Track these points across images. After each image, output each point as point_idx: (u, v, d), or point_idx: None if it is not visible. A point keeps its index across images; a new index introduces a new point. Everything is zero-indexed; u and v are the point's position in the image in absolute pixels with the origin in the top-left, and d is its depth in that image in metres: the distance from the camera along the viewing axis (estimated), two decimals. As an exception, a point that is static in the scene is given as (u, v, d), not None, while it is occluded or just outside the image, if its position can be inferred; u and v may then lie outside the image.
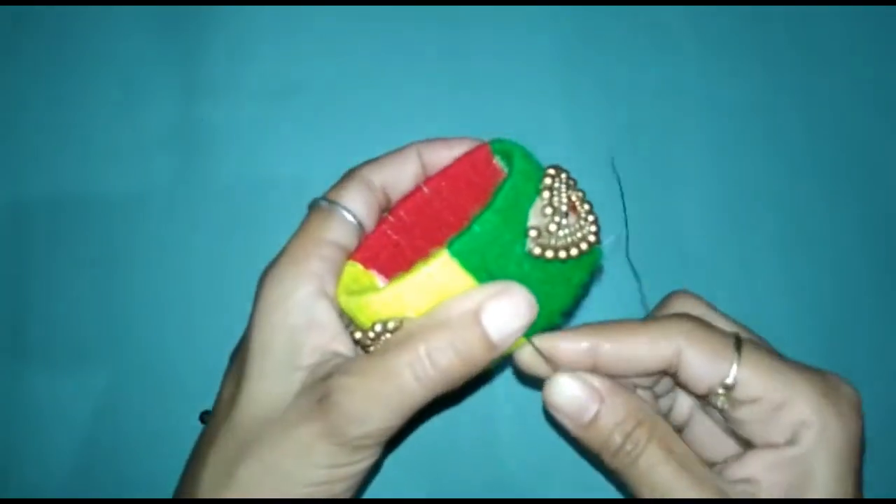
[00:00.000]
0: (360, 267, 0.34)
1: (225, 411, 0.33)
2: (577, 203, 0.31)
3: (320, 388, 0.30)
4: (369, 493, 0.42)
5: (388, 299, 0.30)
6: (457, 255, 0.29)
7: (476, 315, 0.29)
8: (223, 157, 0.45)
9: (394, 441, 0.33)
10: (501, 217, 0.29)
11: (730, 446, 0.35)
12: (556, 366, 0.32)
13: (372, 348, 0.31)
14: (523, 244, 0.30)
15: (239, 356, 0.34)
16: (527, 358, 0.33)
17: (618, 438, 0.32)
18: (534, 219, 0.30)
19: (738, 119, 0.47)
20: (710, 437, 0.36)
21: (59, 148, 0.45)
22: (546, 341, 0.32)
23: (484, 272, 0.29)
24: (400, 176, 0.36)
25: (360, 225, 0.34)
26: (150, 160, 0.45)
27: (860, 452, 0.31)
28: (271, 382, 0.32)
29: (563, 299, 0.32)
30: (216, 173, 0.45)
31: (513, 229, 0.30)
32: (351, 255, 0.34)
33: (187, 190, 0.45)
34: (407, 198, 0.36)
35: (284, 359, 0.32)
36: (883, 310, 0.46)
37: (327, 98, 0.46)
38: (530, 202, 0.31)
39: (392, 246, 0.35)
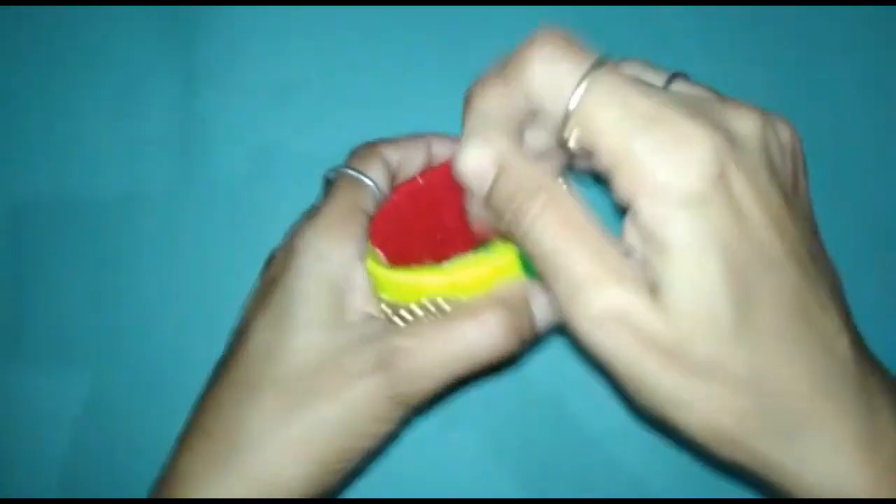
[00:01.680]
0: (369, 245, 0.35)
1: (263, 362, 0.32)
2: None
3: (379, 345, 0.31)
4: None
5: (443, 282, 0.32)
6: (522, 255, 0.31)
7: (528, 300, 0.32)
8: (222, 155, 0.45)
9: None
10: None
11: None
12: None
13: (412, 322, 0.32)
14: None
15: (267, 304, 0.33)
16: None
17: (511, 208, 0.29)
18: None
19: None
20: None
21: (56, 147, 0.45)
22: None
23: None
24: (411, 160, 0.37)
25: (381, 198, 0.35)
26: (149, 159, 0.45)
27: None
28: (317, 335, 0.32)
29: None
30: (215, 171, 0.45)
31: None
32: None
33: (185, 188, 0.45)
34: (402, 185, 0.37)
35: (329, 313, 0.32)
36: (884, 310, 0.46)
37: (327, 97, 0.46)
38: None
39: (389, 230, 0.36)
